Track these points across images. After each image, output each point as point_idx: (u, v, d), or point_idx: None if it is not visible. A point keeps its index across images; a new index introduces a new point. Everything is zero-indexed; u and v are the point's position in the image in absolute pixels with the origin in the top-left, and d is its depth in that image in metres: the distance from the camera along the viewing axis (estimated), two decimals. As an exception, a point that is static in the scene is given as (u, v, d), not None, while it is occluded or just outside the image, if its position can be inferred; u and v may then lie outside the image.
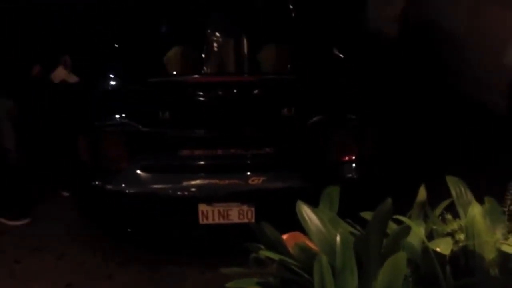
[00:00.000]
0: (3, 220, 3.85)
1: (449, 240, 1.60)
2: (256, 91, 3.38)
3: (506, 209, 1.77)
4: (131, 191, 3.24)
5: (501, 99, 4.22)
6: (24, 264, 3.44)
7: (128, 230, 3.37)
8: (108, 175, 3.26)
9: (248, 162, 3.25)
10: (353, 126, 3.30)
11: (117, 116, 3.28)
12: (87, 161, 3.28)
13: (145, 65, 3.54)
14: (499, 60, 4.35)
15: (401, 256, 1.49)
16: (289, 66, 3.67)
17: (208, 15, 3.80)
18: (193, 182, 3.22)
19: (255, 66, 3.64)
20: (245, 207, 3.20)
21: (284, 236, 1.82)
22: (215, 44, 3.69)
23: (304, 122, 3.25)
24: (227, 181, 3.22)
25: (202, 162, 3.25)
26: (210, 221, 3.21)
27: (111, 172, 3.26)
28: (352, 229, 1.90)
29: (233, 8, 3.85)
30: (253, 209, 3.20)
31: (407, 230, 1.62)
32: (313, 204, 2.03)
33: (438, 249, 1.55)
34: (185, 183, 3.23)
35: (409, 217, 1.90)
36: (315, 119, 3.24)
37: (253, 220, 3.18)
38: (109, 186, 3.26)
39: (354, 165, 3.29)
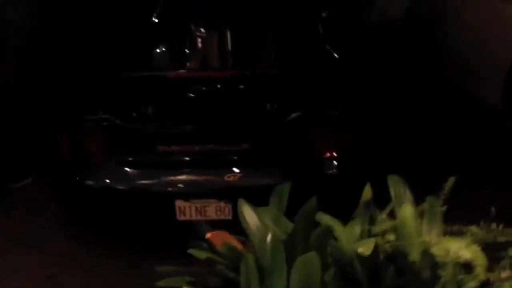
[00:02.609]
0: None
1: (372, 241, 1.56)
2: (236, 86, 3.36)
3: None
4: (110, 186, 3.25)
5: (494, 92, 4.12)
6: (3, 256, 3.46)
7: (108, 224, 3.39)
8: (88, 170, 3.28)
9: (226, 158, 3.23)
10: (333, 122, 3.26)
11: (97, 111, 3.29)
12: (67, 155, 3.30)
13: (127, 59, 3.54)
14: (493, 53, 4.25)
15: (312, 256, 1.46)
16: (272, 60, 3.63)
17: (191, 9, 3.78)
18: (170, 178, 3.22)
19: (237, 61, 3.61)
20: (222, 204, 3.18)
21: (208, 235, 1.80)
22: (198, 39, 3.67)
23: (283, 117, 3.21)
24: (204, 177, 3.21)
25: (180, 158, 3.24)
26: (188, 217, 3.20)
27: (91, 167, 3.28)
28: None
29: (217, 2, 3.81)
30: (230, 205, 3.17)
31: (328, 231, 1.58)
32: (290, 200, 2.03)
33: (359, 250, 1.52)
34: (162, 179, 3.23)
35: (354, 217, 1.87)
36: (294, 115, 3.21)
37: (230, 217, 3.16)
38: (88, 181, 3.27)
39: (334, 161, 3.25)
